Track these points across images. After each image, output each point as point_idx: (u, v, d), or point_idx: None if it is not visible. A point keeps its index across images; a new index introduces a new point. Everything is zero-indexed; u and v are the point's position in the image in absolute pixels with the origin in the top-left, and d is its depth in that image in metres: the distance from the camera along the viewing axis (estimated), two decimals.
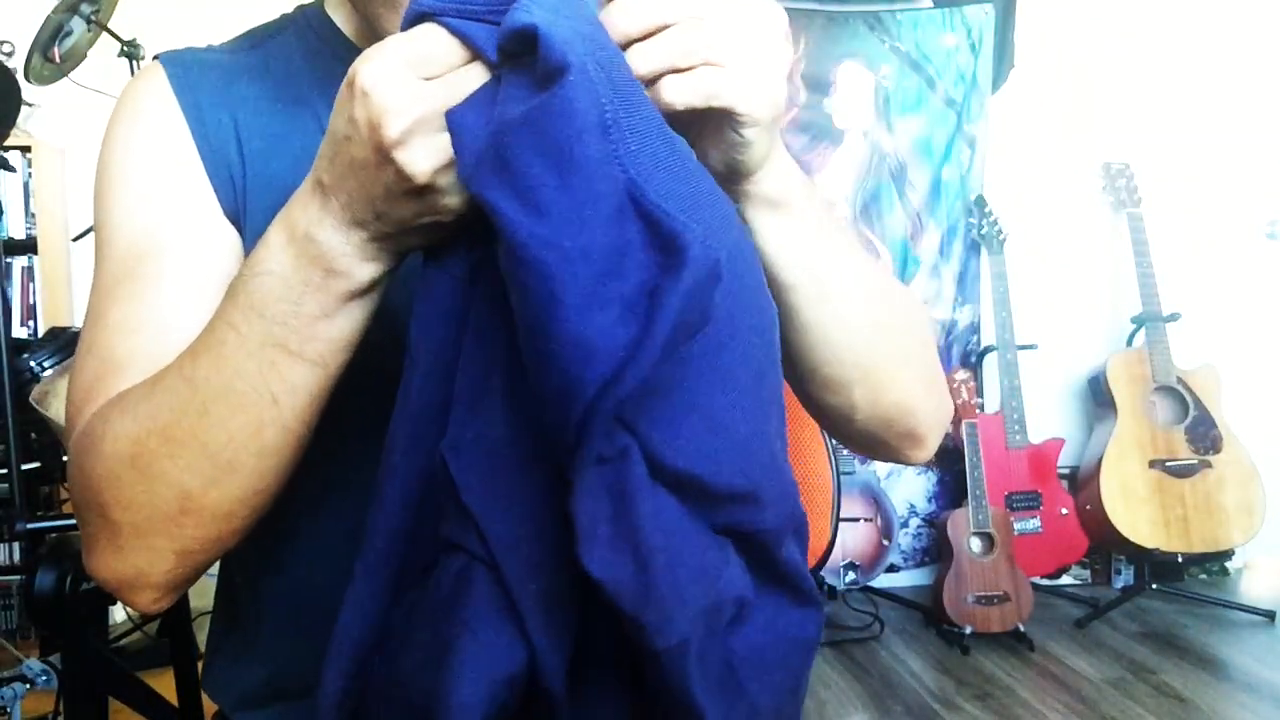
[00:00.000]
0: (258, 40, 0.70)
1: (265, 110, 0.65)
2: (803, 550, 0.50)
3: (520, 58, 0.40)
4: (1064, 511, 2.84)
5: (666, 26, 0.43)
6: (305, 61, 0.67)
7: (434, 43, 0.41)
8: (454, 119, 0.41)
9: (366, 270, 0.47)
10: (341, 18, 0.69)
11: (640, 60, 0.43)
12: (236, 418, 0.49)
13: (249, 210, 0.63)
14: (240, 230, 0.63)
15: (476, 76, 0.41)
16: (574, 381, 0.38)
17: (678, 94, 0.43)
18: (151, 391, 0.52)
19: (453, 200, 0.43)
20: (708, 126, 0.47)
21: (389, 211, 0.44)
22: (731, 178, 0.50)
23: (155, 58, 0.67)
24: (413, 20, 0.42)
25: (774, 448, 0.47)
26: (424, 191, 0.42)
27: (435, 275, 0.46)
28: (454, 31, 0.41)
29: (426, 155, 0.41)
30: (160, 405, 0.50)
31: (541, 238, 0.37)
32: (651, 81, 0.43)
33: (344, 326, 0.48)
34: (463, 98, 0.41)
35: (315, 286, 0.46)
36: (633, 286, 0.38)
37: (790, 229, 0.53)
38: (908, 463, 0.66)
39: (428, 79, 0.41)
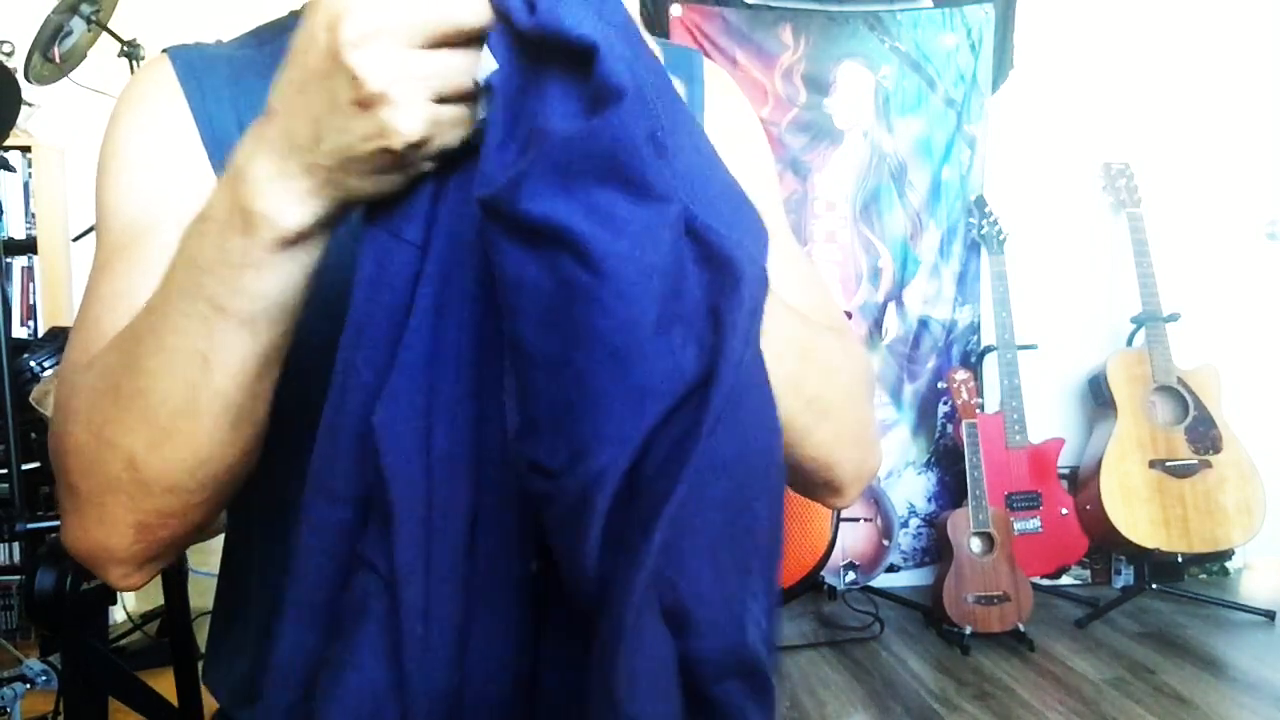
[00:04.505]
0: (264, 39, 0.70)
1: None
2: (757, 704, 0.44)
3: (562, 59, 0.38)
4: (1064, 511, 2.84)
5: None
6: None
7: None
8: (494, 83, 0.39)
9: (293, 214, 0.43)
10: None
11: None
12: (169, 377, 0.47)
13: None
14: None
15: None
16: (644, 401, 0.36)
17: None
18: (108, 349, 0.51)
19: (405, 119, 0.40)
20: None
21: (331, 134, 0.41)
22: None
23: (163, 51, 0.66)
24: None
25: (722, 572, 0.42)
26: (373, 104, 0.39)
27: (386, 239, 0.43)
28: None
29: (382, 62, 0.39)
30: (112, 362, 0.50)
31: (620, 254, 0.36)
32: None
33: (272, 283, 0.45)
34: (431, 19, 0.40)
35: (238, 230, 0.44)
36: (688, 306, 0.38)
37: None
38: (826, 506, 0.65)
39: None
